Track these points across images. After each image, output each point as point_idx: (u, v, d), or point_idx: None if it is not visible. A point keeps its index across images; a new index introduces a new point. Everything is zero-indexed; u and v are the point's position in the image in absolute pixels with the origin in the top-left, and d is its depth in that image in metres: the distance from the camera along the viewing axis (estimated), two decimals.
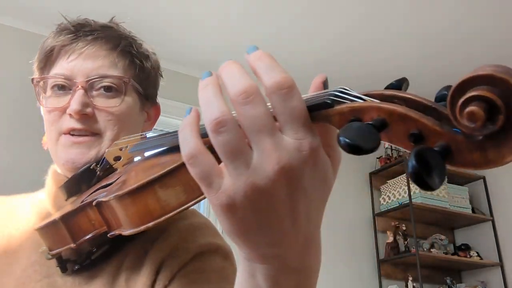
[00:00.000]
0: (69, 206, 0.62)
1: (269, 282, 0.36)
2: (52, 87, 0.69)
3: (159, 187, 0.43)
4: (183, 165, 0.40)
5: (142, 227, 0.44)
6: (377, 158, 3.63)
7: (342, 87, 0.35)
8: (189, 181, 0.42)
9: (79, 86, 0.67)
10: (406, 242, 3.26)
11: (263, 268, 0.36)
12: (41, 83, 0.71)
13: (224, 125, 0.31)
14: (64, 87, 0.69)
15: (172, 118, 2.97)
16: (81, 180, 0.67)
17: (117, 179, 0.55)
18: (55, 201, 0.71)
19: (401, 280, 3.26)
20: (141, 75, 0.74)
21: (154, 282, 0.62)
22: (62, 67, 0.69)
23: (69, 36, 0.69)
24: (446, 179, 3.43)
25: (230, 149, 0.31)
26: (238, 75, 0.34)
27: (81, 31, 0.70)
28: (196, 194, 0.43)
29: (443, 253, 3.36)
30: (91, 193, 0.58)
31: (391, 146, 3.59)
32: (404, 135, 0.30)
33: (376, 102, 0.32)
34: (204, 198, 0.40)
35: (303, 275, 0.37)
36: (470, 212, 3.47)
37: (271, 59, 0.35)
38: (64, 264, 0.62)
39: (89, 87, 0.68)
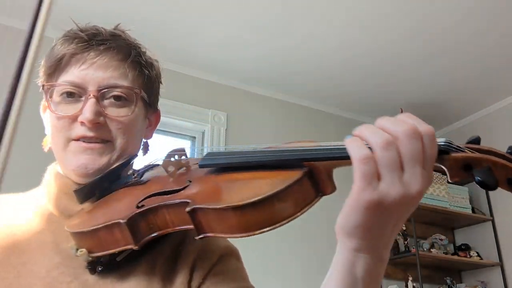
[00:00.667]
0: (112, 209, 0.65)
1: (364, 270, 0.50)
2: (61, 94, 0.70)
3: (277, 200, 0.51)
4: (295, 182, 0.52)
5: (248, 234, 0.52)
6: None
7: (447, 139, 0.49)
8: (297, 197, 0.52)
9: (91, 95, 0.69)
10: (406, 242, 3.26)
11: (366, 258, 0.50)
12: (50, 89, 0.72)
13: (392, 145, 0.45)
14: (74, 95, 0.70)
15: (172, 118, 2.97)
16: (100, 185, 0.70)
17: (185, 187, 0.61)
18: (58, 203, 0.72)
19: (401, 280, 3.26)
20: (147, 84, 0.77)
21: (190, 281, 0.67)
22: (73, 75, 0.70)
23: (82, 44, 0.71)
24: (447, 179, 3.44)
25: (392, 163, 0.45)
26: (403, 117, 0.48)
27: (94, 40, 0.71)
28: (298, 208, 0.52)
29: (443, 253, 3.36)
30: (145, 198, 0.63)
31: None
32: (503, 179, 0.47)
33: (481, 154, 0.48)
34: (301, 214, 0.52)
35: (383, 265, 0.51)
36: (470, 212, 3.47)
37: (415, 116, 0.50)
38: (94, 266, 0.64)
39: (100, 96, 0.70)
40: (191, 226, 0.56)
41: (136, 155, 0.76)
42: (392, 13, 2.68)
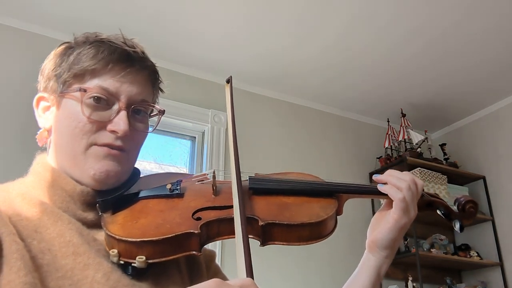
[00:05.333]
0: (164, 219, 0.68)
1: (385, 269, 0.83)
2: (90, 97, 0.71)
3: (329, 220, 0.73)
4: (337, 208, 0.76)
5: (301, 244, 0.70)
6: (377, 158, 3.63)
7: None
8: (333, 217, 0.75)
9: (123, 107, 0.72)
10: (406, 242, 3.26)
11: (389, 262, 0.83)
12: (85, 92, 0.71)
13: (410, 187, 0.80)
14: (102, 101, 0.71)
15: (172, 118, 2.97)
16: (126, 198, 0.73)
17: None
18: (59, 202, 0.69)
19: (401, 280, 3.26)
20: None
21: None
22: (107, 82, 0.72)
23: (123, 56, 0.73)
24: (446, 179, 3.44)
25: (412, 198, 0.80)
26: (404, 173, 0.84)
27: (134, 55, 0.75)
28: (333, 226, 0.75)
29: (443, 253, 3.36)
30: (198, 211, 0.71)
31: (391, 146, 3.59)
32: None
33: (435, 198, 0.88)
34: (334, 232, 0.75)
35: None
36: None
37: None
38: (124, 269, 0.66)
39: (131, 110, 0.73)
40: (250, 236, 0.68)
41: (137, 168, 0.81)
42: (392, 14, 2.68)
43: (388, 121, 3.71)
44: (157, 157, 3.04)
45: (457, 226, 0.84)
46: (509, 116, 3.55)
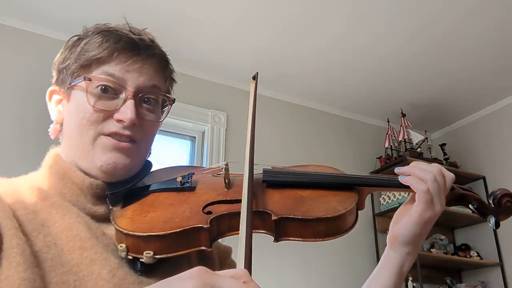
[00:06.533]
0: (174, 213, 0.66)
1: (408, 267, 0.77)
2: (97, 86, 0.70)
3: (348, 215, 0.67)
4: (356, 202, 0.70)
5: (316, 240, 0.66)
6: (377, 158, 3.63)
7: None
8: (353, 212, 0.70)
9: (130, 95, 0.70)
10: None
11: (412, 259, 0.77)
12: (90, 81, 0.70)
13: (435, 179, 0.72)
14: (109, 90, 0.70)
15: (172, 118, 2.97)
16: (135, 191, 0.71)
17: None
18: (69, 195, 0.69)
19: None
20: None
21: None
22: (114, 70, 0.71)
23: (130, 45, 0.72)
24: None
25: (438, 190, 0.72)
26: (430, 164, 0.76)
27: (141, 43, 0.73)
28: (352, 222, 0.70)
29: (443, 253, 3.36)
30: (209, 205, 0.68)
31: (391, 146, 3.59)
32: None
33: (467, 192, 0.80)
34: (353, 228, 0.70)
35: None
36: (470, 212, 3.44)
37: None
38: (132, 264, 0.64)
39: (138, 98, 0.72)
40: (263, 231, 0.65)
41: (149, 161, 0.79)
42: (392, 14, 2.68)
43: (388, 121, 3.71)
44: (157, 157, 3.05)
45: (491, 222, 0.76)
46: (509, 116, 3.55)
